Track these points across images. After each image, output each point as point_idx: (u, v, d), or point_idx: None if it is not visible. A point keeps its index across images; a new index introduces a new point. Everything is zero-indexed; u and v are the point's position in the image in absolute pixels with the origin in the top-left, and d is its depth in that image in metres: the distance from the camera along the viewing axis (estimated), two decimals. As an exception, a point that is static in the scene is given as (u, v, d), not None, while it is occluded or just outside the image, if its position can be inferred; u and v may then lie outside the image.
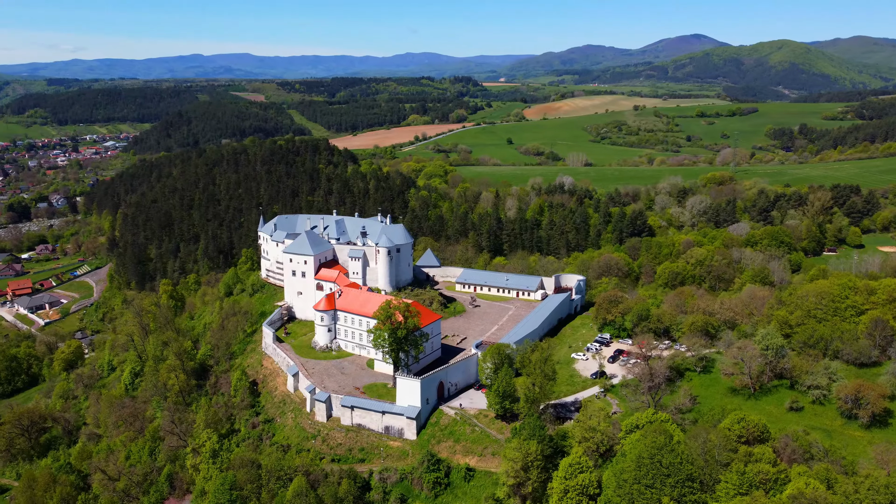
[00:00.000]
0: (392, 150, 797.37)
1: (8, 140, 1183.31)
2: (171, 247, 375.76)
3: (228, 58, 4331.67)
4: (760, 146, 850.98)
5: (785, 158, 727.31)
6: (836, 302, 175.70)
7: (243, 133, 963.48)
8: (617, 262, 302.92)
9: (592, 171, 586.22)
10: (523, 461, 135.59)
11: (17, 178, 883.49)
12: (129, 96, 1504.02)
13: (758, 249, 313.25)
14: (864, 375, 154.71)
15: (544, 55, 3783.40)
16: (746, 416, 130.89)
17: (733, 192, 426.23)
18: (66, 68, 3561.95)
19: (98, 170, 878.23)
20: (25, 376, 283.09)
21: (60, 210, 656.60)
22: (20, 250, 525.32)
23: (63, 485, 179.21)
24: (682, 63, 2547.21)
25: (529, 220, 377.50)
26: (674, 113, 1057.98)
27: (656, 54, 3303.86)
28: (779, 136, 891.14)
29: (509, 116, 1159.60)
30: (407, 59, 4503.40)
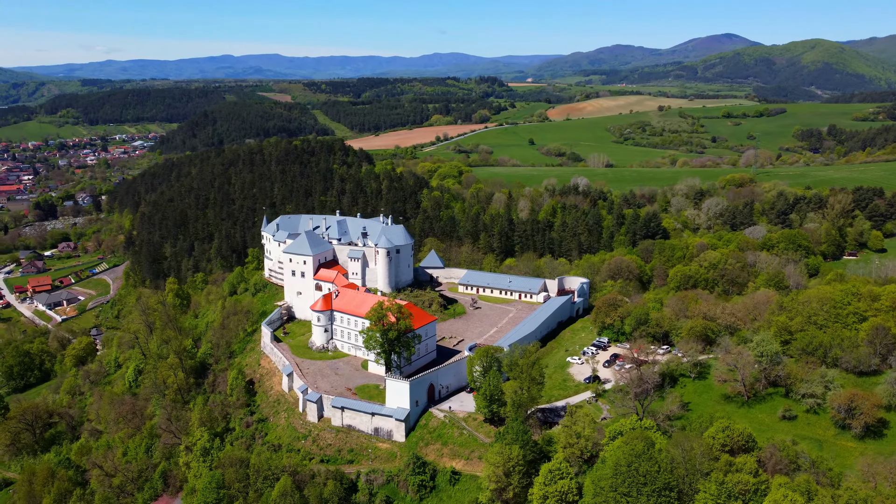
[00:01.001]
0: (413, 150, 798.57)
1: (41, 139, 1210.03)
2: (186, 245, 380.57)
3: (258, 58, 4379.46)
4: (787, 147, 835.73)
5: (811, 160, 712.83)
6: (837, 308, 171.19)
7: (267, 133, 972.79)
8: (628, 264, 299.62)
9: (610, 173, 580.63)
10: (504, 466, 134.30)
11: (47, 176, 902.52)
12: (158, 96, 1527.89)
13: (774, 253, 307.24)
14: (863, 384, 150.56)
15: (572, 55, 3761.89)
16: (731, 425, 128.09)
17: (752, 194, 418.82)
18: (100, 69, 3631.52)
19: (125, 169, 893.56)
20: (38, 372, 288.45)
21: (86, 208, 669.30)
22: (43, 247, 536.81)
23: (61, 480, 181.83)
24: (711, 63, 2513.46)
25: (542, 222, 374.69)
26: (699, 114, 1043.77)
27: (686, 54, 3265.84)
28: (806, 138, 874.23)
29: (532, 117, 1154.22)
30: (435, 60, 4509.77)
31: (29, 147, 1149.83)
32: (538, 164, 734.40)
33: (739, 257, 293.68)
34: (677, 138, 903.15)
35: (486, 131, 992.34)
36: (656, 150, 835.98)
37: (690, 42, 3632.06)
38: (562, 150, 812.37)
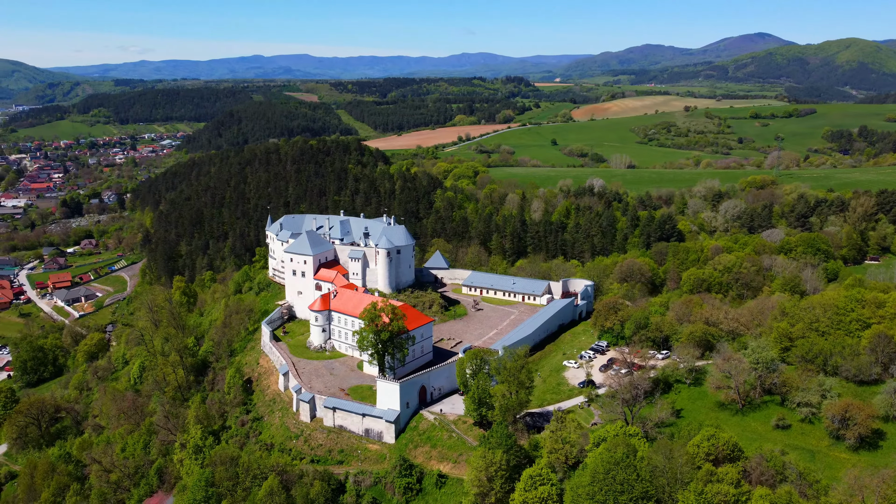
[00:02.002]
0: (434, 150, 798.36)
1: (73, 138, 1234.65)
2: (201, 243, 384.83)
3: (288, 59, 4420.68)
4: (816, 149, 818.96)
5: (839, 162, 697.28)
6: (840, 314, 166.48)
7: (291, 132, 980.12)
8: (640, 267, 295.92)
9: (629, 174, 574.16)
10: (487, 470, 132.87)
11: (76, 174, 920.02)
12: (187, 96, 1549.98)
13: (791, 257, 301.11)
14: (863, 394, 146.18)
15: (602, 55, 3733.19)
16: (717, 434, 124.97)
17: (771, 196, 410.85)
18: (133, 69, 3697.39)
19: (151, 168, 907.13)
20: (52, 367, 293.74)
21: (111, 206, 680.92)
22: (67, 244, 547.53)
23: (60, 474, 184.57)
24: (743, 63, 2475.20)
25: (555, 223, 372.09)
26: (726, 114, 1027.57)
27: (718, 54, 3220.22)
28: (836, 139, 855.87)
29: (556, 117, 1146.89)
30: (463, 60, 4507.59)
31: (61, 146, 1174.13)
32: (559, 164, 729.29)
33: (755, 261, 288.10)
34: (703, 139, 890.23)
35: (509, 131, 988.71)
36: (681, 152, 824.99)
37: (722, 41, 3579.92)
38: (584, 151, 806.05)
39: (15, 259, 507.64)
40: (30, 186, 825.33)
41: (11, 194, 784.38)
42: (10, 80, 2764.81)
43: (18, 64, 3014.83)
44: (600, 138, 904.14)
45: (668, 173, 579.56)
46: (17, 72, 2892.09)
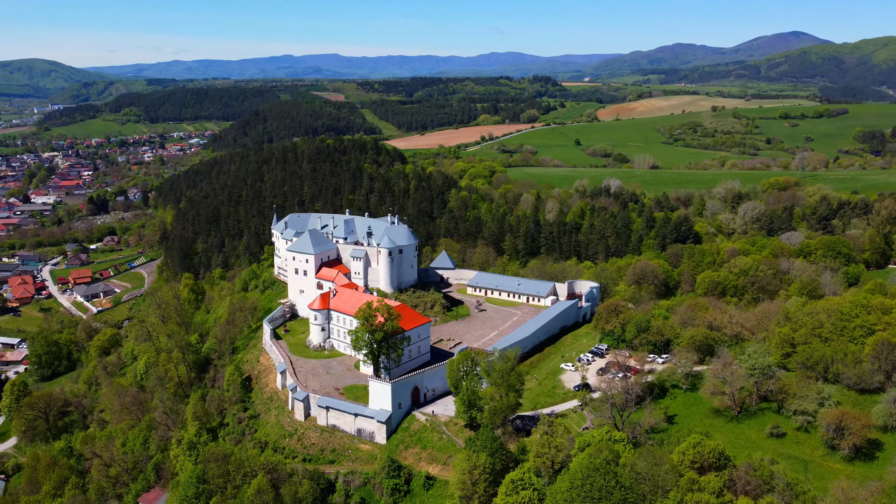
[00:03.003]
0: (456, 149, 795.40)
1: (104, 136, 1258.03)
2: (217, 241, 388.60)
3: (318, 58, 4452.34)
4: (847, 150, 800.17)
5: (868, 163, 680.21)
6: (844, 320, 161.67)
7: (315, 131, 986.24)
8: (653, 269, 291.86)
9: (649, 175, 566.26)
10: (471, 473, 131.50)
11: (105, 172, 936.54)
12: (215, 95, 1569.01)
13: (811, 260, 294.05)
14: (863, 403, 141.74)
15: (631, 54, 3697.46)
16: (704, 441, 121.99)
17: (793, 198, 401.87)
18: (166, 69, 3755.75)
19: (177, 166, 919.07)
20: (66, 361, 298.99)
21: (136, 204, 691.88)
22: (90, 241, 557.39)
23: (61, 467, 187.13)
24: (776, 62, 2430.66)
25: (569, 224, 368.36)
26: (755, 114, 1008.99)
27: (750, 53, 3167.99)
28: (868, 140, 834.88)
29: (581, 117, 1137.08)
30: (491, 59, 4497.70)
31: (92, 144, 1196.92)
32: (582, 165, 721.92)
33: (772, 264, 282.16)
34: (730, 139, 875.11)
35: (533, 131, 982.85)
36: (706, 152, 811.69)
37: (756, 40, 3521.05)
38: (608, 151, 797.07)
39: (39, 255, 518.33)
40: (60, 184, 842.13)
41: (42, 191, 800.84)
42: (48, 80, 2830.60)
43: (55, 64, 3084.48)
44: (625, 138, 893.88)
45: (688, 174, 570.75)
46: (53, 71, 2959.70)
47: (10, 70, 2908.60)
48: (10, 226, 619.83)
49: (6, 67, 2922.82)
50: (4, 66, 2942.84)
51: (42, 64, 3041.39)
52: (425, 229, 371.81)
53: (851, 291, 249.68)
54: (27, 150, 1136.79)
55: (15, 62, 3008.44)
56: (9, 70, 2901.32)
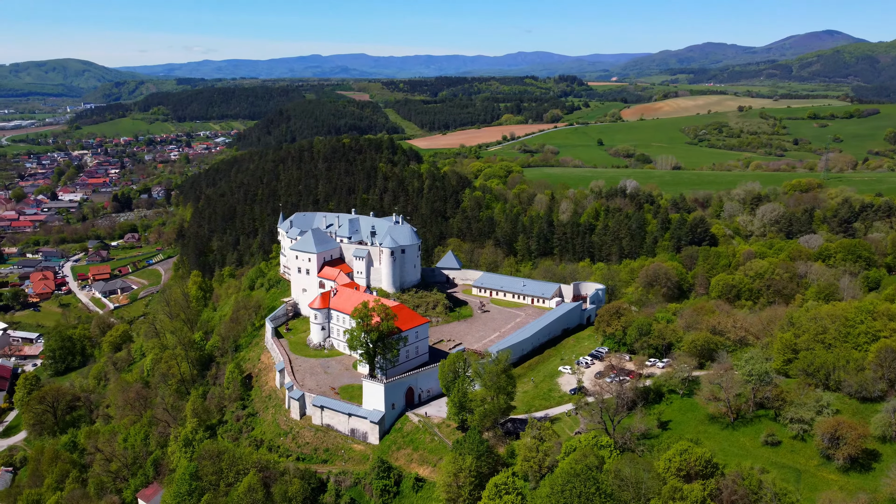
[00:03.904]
0: (477, 149, 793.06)
1: (132, 135, 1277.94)
2: (232, 239, 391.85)
3: (345, 58, 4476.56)
4: (877, 151, 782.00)
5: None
6: (848, 326, 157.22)
7: (338, 130, 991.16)
8: (666, 271, 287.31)
9: (669, 175, 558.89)
10: (456, 476, 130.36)
11: (132, 170, 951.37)
12: (242, 94, 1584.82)
13: (830, 264, 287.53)
14: (864, 412, 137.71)
15: (660, 53, 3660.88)
16: (691, 448, 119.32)
17: (814, 200, 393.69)
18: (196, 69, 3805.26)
19: (202, 164, 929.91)
20: (80, 356, 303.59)
21: (159, 202, 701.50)
22: (112, 238, 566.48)
23: (64, 461, 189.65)
24: (808, 61, 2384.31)
25: (583, 225, 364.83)
26: (782, 114, 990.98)
27: (782, 52, 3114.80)
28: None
29: (605, 117, 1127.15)
30: (518, 59, 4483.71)
31: (120, 142, 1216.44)
32: (603, 165, 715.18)
33: (789, 267, 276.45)
34: (756, 140, 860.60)
35: (555, 131, 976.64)
36: (731, 153, 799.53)
37: (788, 39, 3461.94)
38: (630, 152, 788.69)
39: (62, 251, 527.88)
40: (87, 181, 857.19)
41: (70, 188, 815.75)
42: (81, 79, 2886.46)
43: (89, 64, 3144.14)
44: (648, 139, 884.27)
45: (709, 175, 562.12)
46: (87, 71, 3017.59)
47: (46, 70, 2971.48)
48: (36, 222, 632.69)
49: (41, 67, 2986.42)
50: (39, 65, 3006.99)
51: (76, 64, 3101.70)
52: (438, 229, 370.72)
53: (871, 296, 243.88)
54: (58, 148, 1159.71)
55: (50, 62, 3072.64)
56: (44, 70, 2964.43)
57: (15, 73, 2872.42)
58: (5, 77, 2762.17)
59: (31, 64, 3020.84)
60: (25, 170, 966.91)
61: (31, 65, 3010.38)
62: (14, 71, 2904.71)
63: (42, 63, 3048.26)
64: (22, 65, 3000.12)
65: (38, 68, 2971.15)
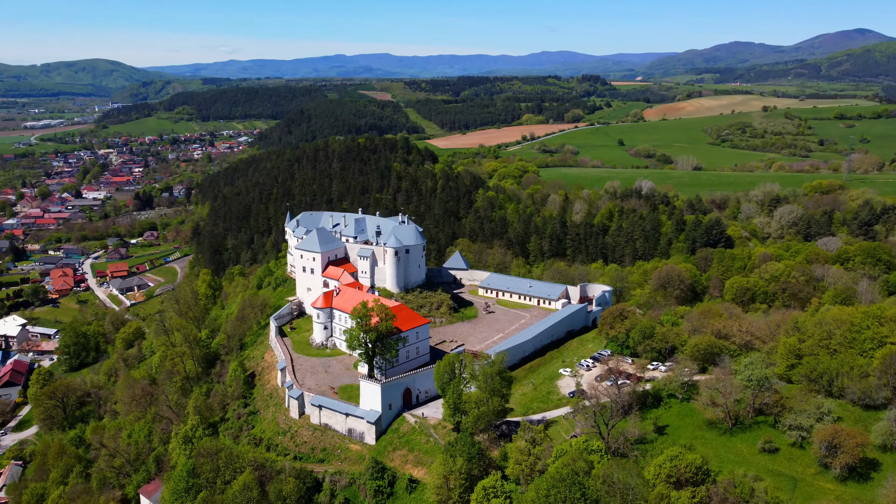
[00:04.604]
0: (496, 149, 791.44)
1: (157, 134, 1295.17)
2: (246, 238, 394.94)
3: (369, 58, 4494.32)
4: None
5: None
6: (854, 332, 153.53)
7: (359, 130, 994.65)
8: (679, 273, 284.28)
9: (687, 176, 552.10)
10: (446, 478, 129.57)
11: (155, 169, 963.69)
12: (265, 94, 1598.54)
13: (848, 267, 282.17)
14: (867, 419, 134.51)
15: (686, 53, 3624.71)
16: (682, 454, 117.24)
17: (834, 202, 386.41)
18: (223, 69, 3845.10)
19: (223, 163, 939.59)
20: (94, 353, 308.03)
21: (179, 200, 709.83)
22: (132, 235, 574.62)
23: (69, 456, 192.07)
24: (837, 60, 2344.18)
25: (596, 226, 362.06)
26: (808, 114, 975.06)
27: (811, 51, 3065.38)
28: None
29: (627, 117, 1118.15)
30: (542, 58, 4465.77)
31: (145, 141, 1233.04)
32: (622, 165, 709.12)
33: (805, 270, 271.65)
34: (780, 141, 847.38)
35: (576, 131, 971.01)
36: (755, 154, 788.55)
37: (817, 38, 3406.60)
38: (651, 152, 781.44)
39: (83, 248, 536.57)
40: (111, 180, 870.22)
41: (94, 187, 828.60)
42: (110, 79, 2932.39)
43: (117, 64, 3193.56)
44: (670, 139, 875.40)
45: (729, 176, 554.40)
46: (115, 71, 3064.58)
47: (75, 70, 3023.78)
48: (60, 220, 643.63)
49: (71, 67, 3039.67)
50: (69, 65, 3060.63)
51: (105, 64, 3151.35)
52: (450, 229, 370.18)
53: (890, 301, 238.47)
54: (84, 147, 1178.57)
55: (80, 62, 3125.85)
56: (74, 70, 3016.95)
57: (46, 73, 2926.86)
58: (36, 77, 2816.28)
59: (61, 64, 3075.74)
60: (52, 168, 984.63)
61: (61, 65, 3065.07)
62: (45, 71, 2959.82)
63: (72, 63, 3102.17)
64: (53, 65, 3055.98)
65: (69, 68, 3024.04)
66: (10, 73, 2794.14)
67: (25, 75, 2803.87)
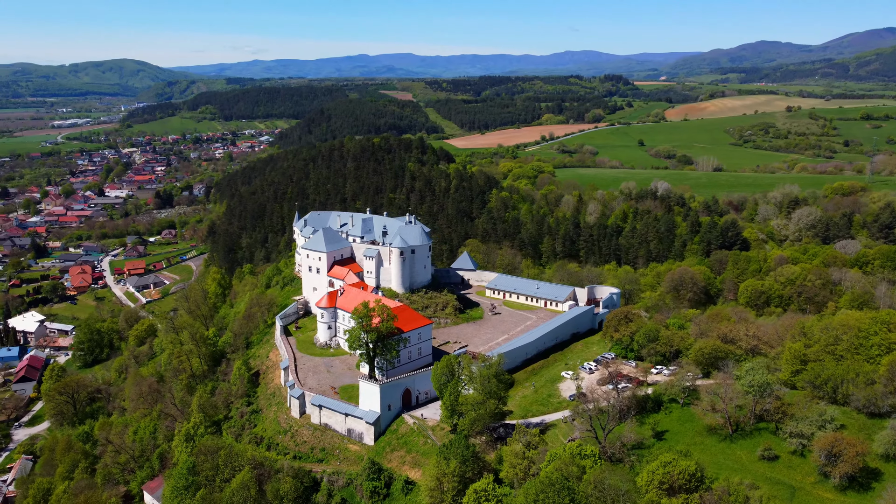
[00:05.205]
0: (514, 149, 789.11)
1: (179, 133, 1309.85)
2: (261, 237, 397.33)
3: (391, 58, 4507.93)
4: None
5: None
6: (861, 338, 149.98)
7: (378, 130, 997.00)
8: (693, 275, 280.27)
9: (705, 177, 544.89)
10: (438, 481, 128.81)
11: (177, 168, 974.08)
12: (287, 94, 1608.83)
13: (867, 271, 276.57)
14: (871, 428, 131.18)
15: (711, 52, 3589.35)
16: (675, 461, 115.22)
17: (855, 204, 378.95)
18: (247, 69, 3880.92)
19: (244, 162, 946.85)
20: (108, 349, 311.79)
21: (199, 199, 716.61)
22: (150, 234, 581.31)
23: (76, 451, 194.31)
24: (866, 60, 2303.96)
25: (610, 227, 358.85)
26: (833, 115, 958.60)
27: (840, 51, 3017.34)
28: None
29: (648, 117, 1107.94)
30: (566, 58, 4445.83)
31: (168, 140, 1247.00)
32: (642, 166, 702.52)
33: (822, 274, 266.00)
34: (803, 141, 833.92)
35: (595, 131, 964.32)
36: (777, 154, 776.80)
37: (846, 38, 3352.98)
38: (671, 153, 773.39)
39: (102, 246, 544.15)
40: (134, 178, 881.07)
41: (116, 185, 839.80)
42: (136, 79, 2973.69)
43: (144, 64, 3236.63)
44: (691, 139, 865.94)
45: (748, 177, 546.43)
46: (141, 71, 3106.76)
47: (103, 70, 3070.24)
48: (82, 217, 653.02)
49: (98, 67, 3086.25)
50: (97, 66, 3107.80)
51: (131, 64, 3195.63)
52: (463, 229, 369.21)
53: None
54: (109, 145, 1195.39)
55: (107, 62, 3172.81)
56: (101, 70, 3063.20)
57: (74, 73, 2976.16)
58: (65, 77, 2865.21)
59: (89, 64, 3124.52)
60: (77, 167, 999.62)
61: (89, 65, 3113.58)
62: (73, 71, 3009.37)
63: (99, 63, 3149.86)
64: (81, 65, 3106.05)
65: (96, 68, 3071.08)
66: (40, 73, 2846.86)
67: (54, 75, 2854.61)
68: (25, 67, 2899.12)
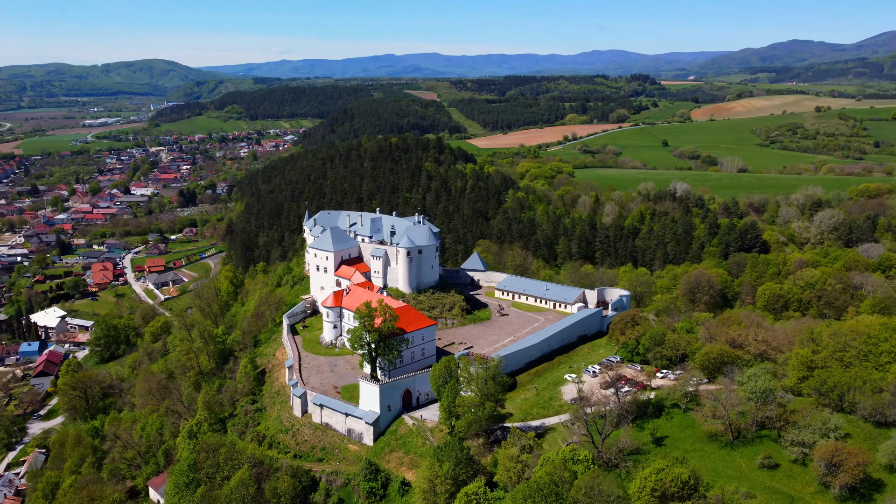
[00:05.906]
0: (537, 149, 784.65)
1: (206, 133, 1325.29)
2: (278, 235, 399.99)
3: (418, 57, 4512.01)
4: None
5: None
6: (870, 344, 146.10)
7: (400, 129, 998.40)
8: (709, 278, 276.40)
9: (727, 178, 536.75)
10: (432, 483, 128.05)
11: (202, 166, 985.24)
12: (312, 93, 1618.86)
13: (890, 275, 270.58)
14: (877, 437, 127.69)
15: (742, 51, 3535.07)
16: (669, 468, 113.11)
17: (880, 206, 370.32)
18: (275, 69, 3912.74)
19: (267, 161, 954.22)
20: (125, 346, 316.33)
21: (222, 197, 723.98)
22: (172, 231, 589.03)
23: (84, 446, 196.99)
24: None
25: (627, 228, 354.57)
26: (864, 115, 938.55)
27: (874, 50, 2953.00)
28: None
29: (673, 117, 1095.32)
30: (593, 58, 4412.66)
31: (195, 139, 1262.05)
32: (666, 167, 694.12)
33: (843, 278, 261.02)
34: (832, 142, 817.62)
35: (619, 131, 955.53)
36: (805, 155, 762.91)
37: (881, 36, 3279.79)
38: (696, 153, 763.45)
39: (124, 243, 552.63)
40: (159, 177, 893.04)
41: (142, 183, 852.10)
42: (166, 79, 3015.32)
43: (173, 64, 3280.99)
44: (717, 140, 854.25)
45: (771, 178, 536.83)
46: (171, 71, 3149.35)
47: (133, 70, 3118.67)
48: (107, 215, 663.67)
49: (129, 67, 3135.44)
50: (128, 66, 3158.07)
51: (161, 64, 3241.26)
52: (479, 229, 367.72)
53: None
54: (137, 144, 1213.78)
55: (138, 62, 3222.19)
56: (132, 70, 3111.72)
57: (106, 73, 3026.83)
58: (97, 77, 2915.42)
59: (120, 64, 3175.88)
60: (105, 165, 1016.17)
61: (120, 65, 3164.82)
62: (105, 71, 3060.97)
63: (131, 63, 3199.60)
64: (112, 65, 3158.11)
65: (127, 68, 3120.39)
66: (73, 73, 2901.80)
67: (87, 75, 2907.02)
68: (59, 67, 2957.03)
